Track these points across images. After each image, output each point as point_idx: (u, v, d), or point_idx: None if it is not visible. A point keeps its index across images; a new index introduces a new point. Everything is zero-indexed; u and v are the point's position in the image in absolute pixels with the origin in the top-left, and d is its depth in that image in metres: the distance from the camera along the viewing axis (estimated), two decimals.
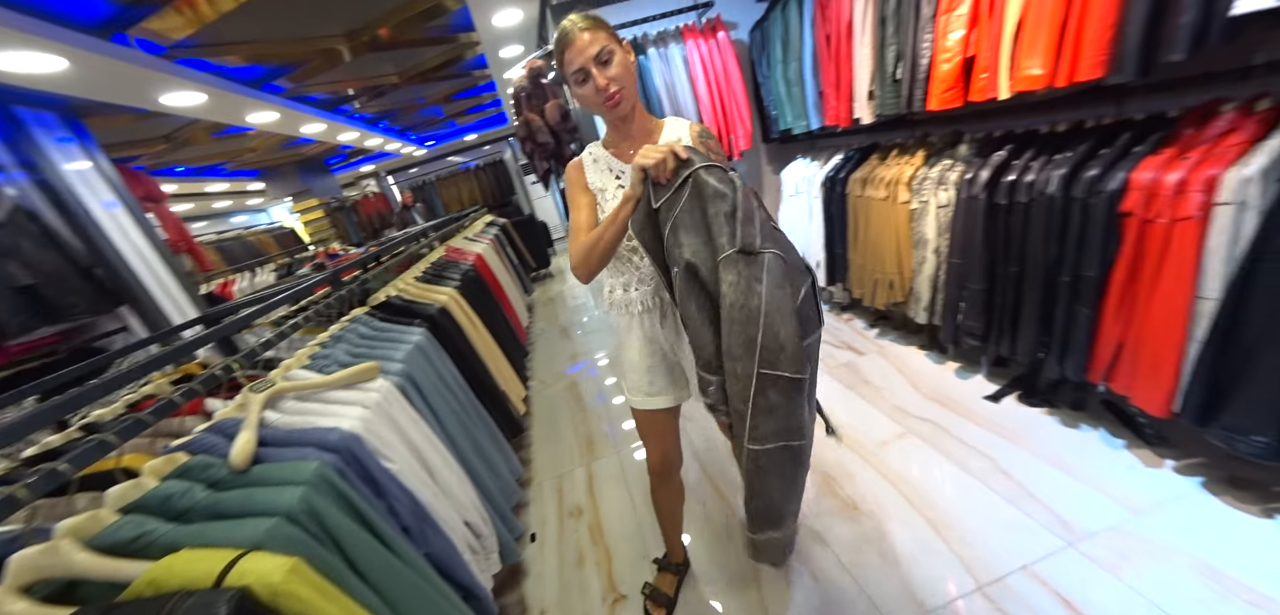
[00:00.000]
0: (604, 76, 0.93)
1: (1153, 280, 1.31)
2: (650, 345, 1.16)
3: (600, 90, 0.93)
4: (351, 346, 1.41)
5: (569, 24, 0.94)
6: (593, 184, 1.06)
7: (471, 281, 2.70)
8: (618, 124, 1.04)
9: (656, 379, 1.18)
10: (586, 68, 0.92)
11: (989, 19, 1.47)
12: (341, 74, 3.69)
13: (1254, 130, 1.16)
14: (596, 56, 0.92)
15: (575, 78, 0.95)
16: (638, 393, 1.20)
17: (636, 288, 1.13)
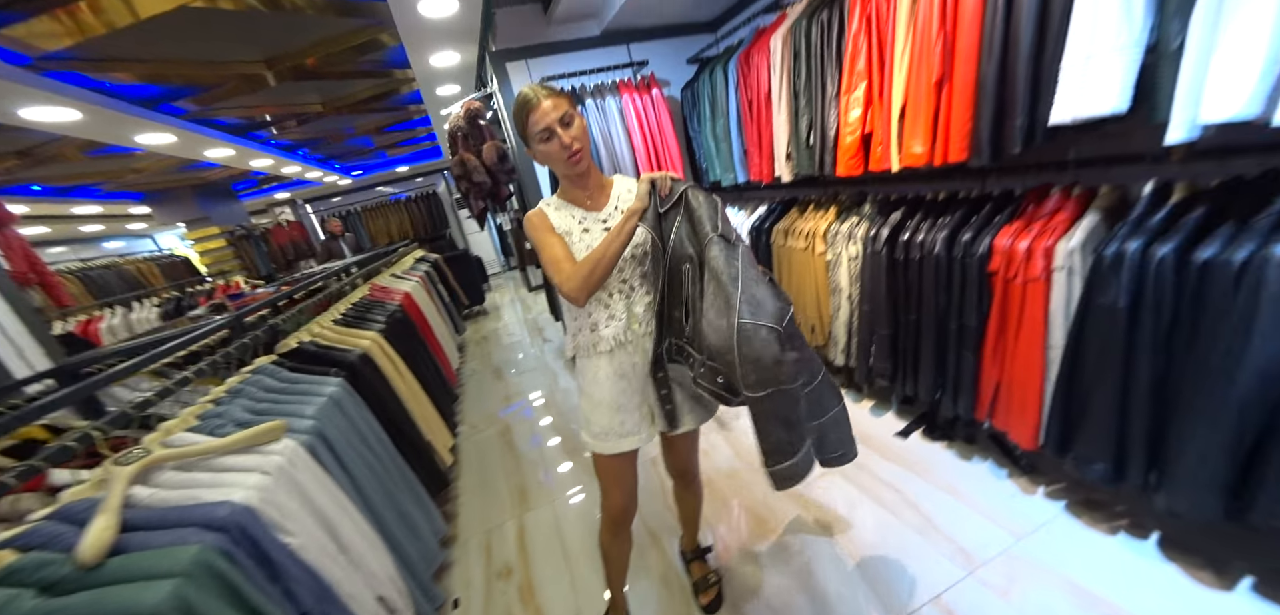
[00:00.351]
0: (568, 135, 1.05)
1: (1016, 330, 1.54)
2: (621, 382, 1.18)
3: (565, 147, 1.05)
4: (253, 402, 1.27)
5: (532, 91, 1.05)
6: (558, 227, 1.14)
7: (398, 323, 2.55)
8: (576, 179, 1.14)
9: (628, 418, 1.20)
10: (552, 128, 1.04)
11: (880, 103, 1.71)
12: (259, 99, 3.42)
13: (1073, 210, 1.44)
14: (561, 119, 1.04)
15: (540, 136, 1.05)
16: (609, 436, 1.20)
17: (608, 324, 1.16)
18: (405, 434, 1.87)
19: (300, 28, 2.67)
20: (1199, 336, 1.13)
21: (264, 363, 1.51)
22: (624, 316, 1.16)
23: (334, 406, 1.39)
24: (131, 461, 0.87)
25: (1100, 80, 1.14)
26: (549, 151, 1.07)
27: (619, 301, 1.16)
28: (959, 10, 1.40)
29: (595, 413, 1.20)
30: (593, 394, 1.20)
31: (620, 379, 1.18)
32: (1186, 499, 1.19)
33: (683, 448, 1.36)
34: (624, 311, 1.16)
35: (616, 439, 1.20)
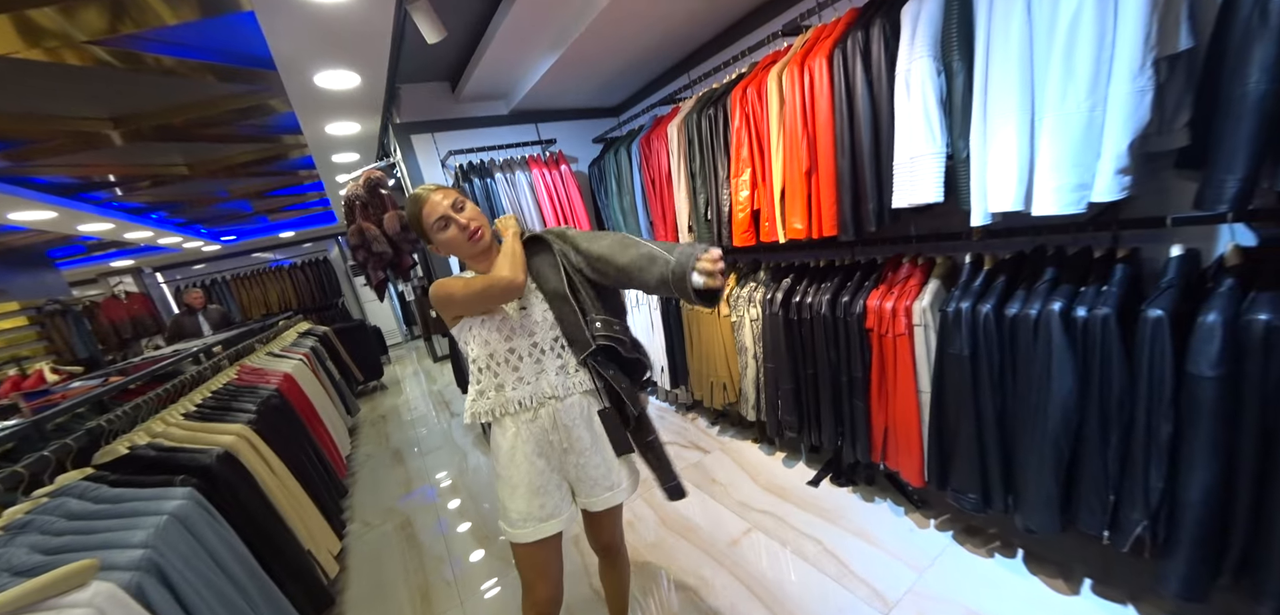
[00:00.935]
0: (464, 217, 1.09)
1: (894, 378, 1.75)
2: (540, 461, 1.14)
3: (463, 228, 1.09)
4: (49, 536, 0.99)
5: (422, 190, 1.10)
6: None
7: (273, 411, 2.21)
8: (478, 257, 1.15)
9: (549, 499, 1.15)
10: (447, 216, 1.08)
11: (764, 185, 1.94)
12: (100, 158, 2.92)
13: (920, 276, 1.72)
14: (452, 205, 1.08)
15: (437, 227, 1.08)
16: (529, 521, 1.13)
17: (515, 387, 1.13)
18: (278, 548, 1.58)
19: (167, 89, 2.37)
20: (1019, 378, 1.38)
21: (72, 480, 1.20)
22: (534, 378, 1.14)
23: (177, 526, 1.14)
24: None
25: (921, 176, 1.41)
26: (450, 238, 1.09)
27: (530, 367, 1.14)
28: (815, 115, 1.67)
29: (513, 498, 1.14)
30: (509, 477, 1.14)
31: (539, 458, 1.14)
32: (1033, 518, 1.40)
33: (607, 521, 1.30)
34: (533, 377, 1.14)
35: (537, 525, 1.13)
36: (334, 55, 1.90)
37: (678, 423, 3.16)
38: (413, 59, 2.37)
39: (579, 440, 1.16)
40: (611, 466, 1.20)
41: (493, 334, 1.13)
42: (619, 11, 1.95)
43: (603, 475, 1.19)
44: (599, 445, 1.18)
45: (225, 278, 7.85)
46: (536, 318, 1.14)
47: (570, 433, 1.16)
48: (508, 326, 1.13)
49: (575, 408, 1.16)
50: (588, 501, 1.21)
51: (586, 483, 1.19)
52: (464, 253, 1.12)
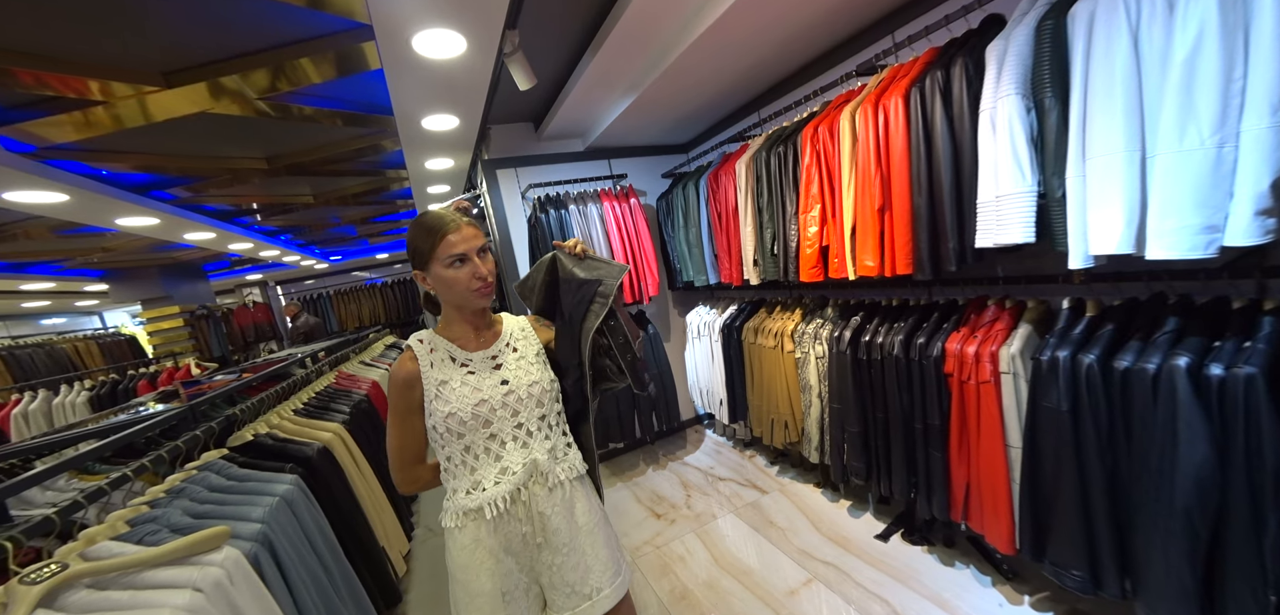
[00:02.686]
0: (484, 266, 0.99)
1: (977, 430, 1.61)
2: (508, 560, 0.99)
3: (478, 276, 0.98)
4: (195, 503, 1.18)
5: (449, 213, 0.99)
6: (432, 379, 0.99)
7: (362, 414, 2.45)
8: (475, 314, 1.04)
9: (515, 608, 0.98)
10: (468, 254, 0.97)
11: (834, 221, 1.90)
12: (250, 190, 3.51)
13: (1009, 320, 1.59)
14: (479, 249, 0.99)
15: (451, 260, 0.96)
16: None
17: (498, 479, 0.98)
18: (359, 539, 1.73)
19: (308, 134, 2.83)
20: (1134, 438, 1.21)
21: (213, 458, 1.42)
22: (519, 472, 0.99)
23: (285, 508, 1.30)
24: (40, 579, 0.78)
25: (1010, 215, 1.32)
26: (456, 278, 0.97)
27: (514, 450, 1.00)
28: (890, 153, 1.63)
29: (473, 606, 0.96)
30: (469, 585, 0.96)
31: (507, 556, 0.98)
32: (1161, 609, 1.19)
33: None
34: (521, 462, 0.99)
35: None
36: (441, 102, 2.17)
37: (735, 459, 3.07)
38: (503, 103, 2.63)
39: (556, 534, 1.00)
40: (590, 569, 1.02)
41: (467, 413, 0.97)
42: (692, 59, 2.05)
43: (579, 580, 1.01)
44: (578, 542, 1.02)
45: (328, 293, 8.87)
46: (521, 393, 1.01)
47: (547, 524, 1.00)
48: (486, 407, 0.99)
49: (559, 497, 1.01)
50: (564, 610, 1.01)
51: (562, 588, 1.01)
52: (461, 299, 1.00)
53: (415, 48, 1.64)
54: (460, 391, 0.98)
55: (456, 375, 1.00)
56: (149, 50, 1.87)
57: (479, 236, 1.00)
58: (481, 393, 1.00)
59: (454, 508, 0.99)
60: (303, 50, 1.96)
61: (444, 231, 0.96)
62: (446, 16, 1.51)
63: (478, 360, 1.03)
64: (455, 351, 1.03)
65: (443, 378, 0.99)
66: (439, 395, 0.98)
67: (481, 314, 1.06)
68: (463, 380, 1.00)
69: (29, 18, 1.59)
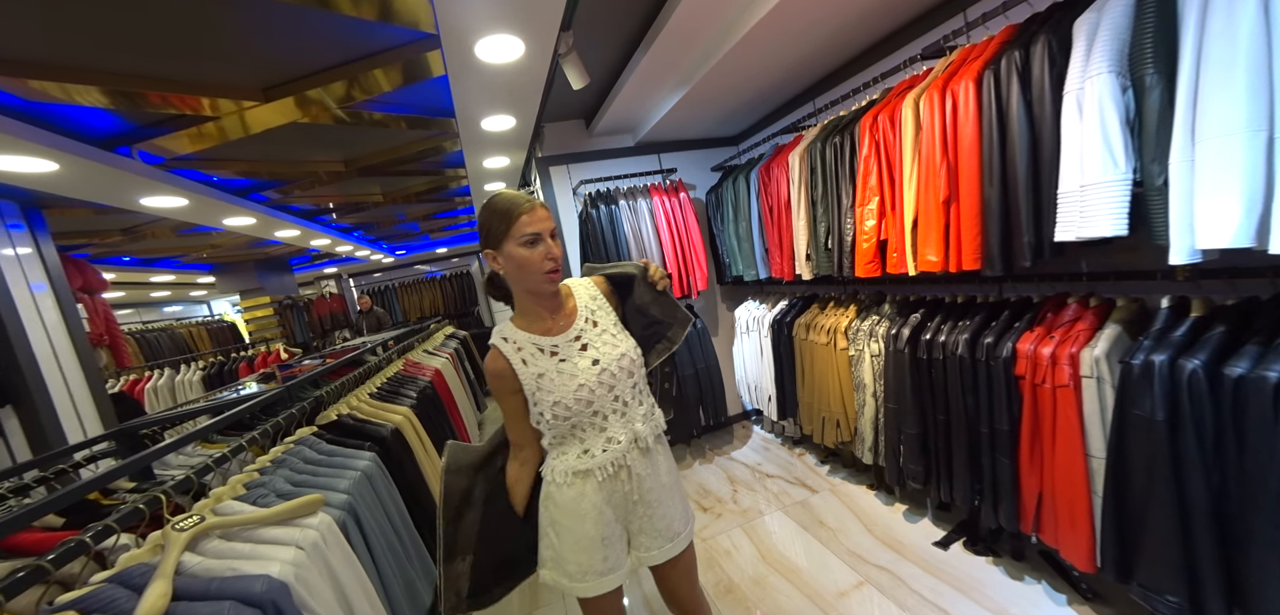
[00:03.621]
0: (556, 247, 1.03)
1: (1052, 436, 1.49)
2: (608, 510, 1.08)
3: (551, 258, 1.01)
4: (294, 472, 1.34)
5: (525, 196, 1.03)
6: (529, 375, 1.04)
7: (427, 399, 2.63)
8: (547, 296, 1.07)
9: (612, 551, 1.09)
10: (542, 234, 1.00)
11: (893, 214, 1.82)
12: (330, 190, 3.85)
13: (1093, 319, 1.45)
14: (551, 231, 1.02)
15: (525, 239, 0.99)
16: (589, 575, 1.07)
17: (605, 448, 1.06)
18: (425, 512, 1.88)
19: (378, 138, 3.08)
20: (1248, 454, 1.08)
21: (305, 434, 1.59)
22: (624, 437, 1.07)
23: (366, 481, 1.44)
24: (186, 528, 0.93)
25: (1097, 206, 1.21)
26: (530, 258, 1.00)
27: (617, 422, 1.08)
28: (958, 141, 1.53)
29: (573, 551, 1.06)
30: (573, 529, 1.06)
31: (607, 508, 1.08)
32: None
33: (683, 577, 1.19)
34: (624, 432, 1.07)
35: (597, 579, 1.07)
36: (499, 104, 2.28)
37: (783, 456, 3.02)
38: (556, 101, 2.71)
39: (649, 491, 1.11)
40: (672, 517, 1.14)
41: (571, 401, 1.03)
42: (745, 52, 2.02)
43: (664, 526, 1.13)
44: (662, 496, 1.13)
45: (393, 285, 9.51)
46: (613, 370, 1.06)
47: (642, 483, 1.10)
48: (586, 390, 1.04)
49: (650, 458, 1.11)
50: (648, 554, 1.13)
51: (650, 533, 1.12)
52: (532, 283, 1.03)
53: (477, 53, 1.73)
54: (559, 382, 1.03)
55: (551, 366, 1.04)
56: (249, 70, 2.10)
57: (551, 219, 1.03)
58: (578, 378, 1.04)
59: (564, 468, 1.06)
60: (375, 62, 2.13)
61: (519, 212, 0.99)
62: (506, 22, 1.58)
63: (563, 345, 1.07)
64: (542, 342, 1.06)
65: (539, 371, 1.04)
66: (540, 388, 1.03)
67: (553, 296, 1.09)
68: (557, 370, 1.04)
69: (156, 48, 1.84)
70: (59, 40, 1.69)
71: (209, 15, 1.70)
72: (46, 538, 1.03)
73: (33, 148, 1.97)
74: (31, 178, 2.22)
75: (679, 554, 1.15)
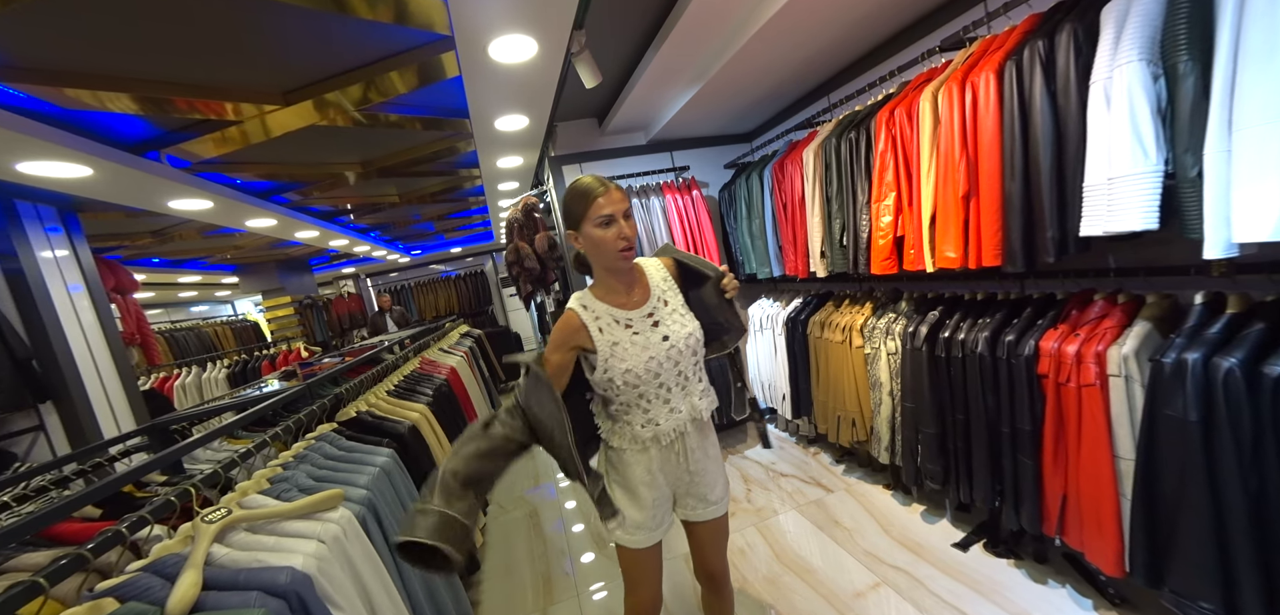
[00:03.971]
0: (629, 227, 1.10)
1: (1077, 437, 1.45)
2: (662, 475, 1.19)
3: (624, 237, 1.09)
4: (315, 468, 1.37)
5: (597, 180, 1.10)
6: (605, 341, 1.11)
7: (443, 397, 2.67)
8: (621, 272, 1.15)
9: (660, 511, 1.22)
10: (615, 215, 1.08)
11: (910, 210, 1.79)
12: (346, 192, 3.93)
13: (1120, 316, 1.41)
14: (624, 212, 1.10)
15: (600, 221, 1.07)
16: (639, 530, 1.19)
17: (667, 418, 1.15)
18: None
19: (394, 139, 3.13)
20: None
21: (326, 431, 1.62)
22: (685, 409, 1.17)
23: (384, 477, 1.46)
24: (214, 520, 0.95)
25: (1125, 199, 1.17)
26: (604, 237, 1.08)
27: (678, 395, 1.16)
28: (978, 135, 1.50)
29: (629, 508, 1.18)
30: (631, 490, 1.18)
31: (661, 473, 1.19)
32: None
33: (713, 544, 1.30)
34: (685, 405, 1.17)
35: (646, 533, 1.20)
36: (512, 103, 2.30)
37: (797, 455, 3.00)
38: (569, 100, 2.72)
39: (698, 461, 1.22)
40: (714, 484, 1.26)
41: (641, 370, 1.11)
42: (759, 46, 2.01)
43: (707, 491, 1.25)
44: (708, 466, 1.24)
45: (409, 284, 9.66)
46: (680, 346, 1.15)
47: (692, 455, 1.21)
48: (655, 362, 1.12)
49: (702, 431, 1.23)
50: (691, 513, 1.26)
51: (693, 494, 1.25)
52: (608, 261, 1.11)
53: (491, 54, 1.75)
54: (631, 351, 1.12)
55: (624, 336, 1.13)
56: (270, 75, 2.15)
57: (625, 201, 1.11)
58: (649, 350, 1.13)
59: (628, 435, 1.17)
60: (391, 64, 2.16)
61: (595, 195, 1.08)
62: (520, 22, 1.59)
63: (637, 319, 1.15)
64: (618, 313, 1.15)
65: (614, 340, 1.12)
66: (614, 354, 1.11)
67: (628, 272, 1.17)
68: (630, 341, 1.13)
69: (182, 54, 1.90)
70: (93, 49, 1.75)
71: (233, 21, 1.74)
72: (85, 528, 1.07)
73: (69, 153, 2.05)
74: (68, 182, 2.30)
75: (714, 518, 1.27)
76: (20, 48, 1.67)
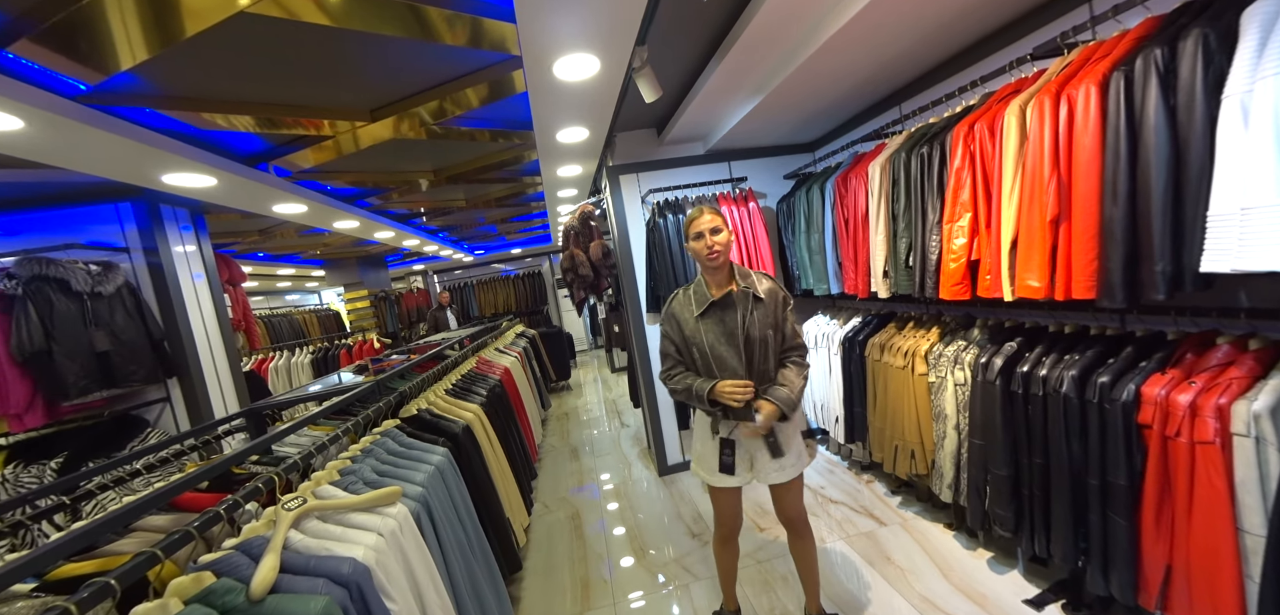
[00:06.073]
0: (713, 242, 1.49)
1: (1187, 501, 1.26)
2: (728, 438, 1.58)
3: (708, 247, 1.50)
4: (379, 462, 1.48)
5: (701, 207, 1.53)
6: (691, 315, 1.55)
7: (496, 398, 2.79)
8: (712, 272, 1.54)
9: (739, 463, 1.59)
10: (703, 232, 1.50)
11: (987, 233, 1.63)
12: (421, 197, 4.24)
13: (1252, 366, 1.20)
14: (712, 229, 1.49)
15: (694, 236, 1.52)
16: (713, 474, 1.61)
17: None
18: (490, 509, 1.99)
19: (465, 149, 3.34)
20: None
21: (390, 426, 1.75)
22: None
23: (438, 476, 1.55)
24: (292, 508, 1.06)
25: (1262, 234, 1.00)
26: (696, 248, 1.52)
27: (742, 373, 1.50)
28: (1073, 153, 1.34)
29: (705, 452, 1.62)
30: (706, 440, 1.60)
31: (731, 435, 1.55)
32: None
33: (788, 497, 1.64)
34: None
35: (719, 477, 1.59)
36: (575, 117, 2.36)
37: (849, 482, 2.84)
38: (628, 111, 2.76)
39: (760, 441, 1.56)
40: (787, 451, 1.56)
41: (708, 350, 1.52)
42: (826, 57, 1.92)
43: (775, 461, 1.56)
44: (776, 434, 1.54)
45: (472, 282, 10.22)
46: (740, 338, 1.51)
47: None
48: (722, 346, 1.51)
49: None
50: (763, 475, 1.58)
51: (762, 461, 1.57)
52: (702, 262, 1.54)
53: (555, 72, 1.81)
54: (705, 328, 1.53)
55: (707, 317, 1.53)
56: (361, 94, 2.36)
57: (715, 220, 1.50)
58: (722, 328, 1.52)
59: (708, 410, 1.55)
60: (465, 82, 2.30)
61: (692, 219, 1.54)
62: (585, 41, 1.63)
63: (714, 307, 1.53)
64: (706, 297, 1.54)
65: (696, 313, 1.54)
66: (696, 329, 1.54)
67: (716, 272, 1.54)
68: (706, 324, 1.53)
69: (288, 80, 2.14)
70: (224, 78, 2.03)
71: (332, 49, 1.93)
72: (197, 498, 1.23)
73: (201, 166, 2.38)
74: (199, 190, 2.67)
75: (785, 481, 1.60)
76: (169, 79, 1.96)
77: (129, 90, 1.95)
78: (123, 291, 2.67)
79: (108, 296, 2.59)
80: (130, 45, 1.61)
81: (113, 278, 2.64)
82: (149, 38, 1.58)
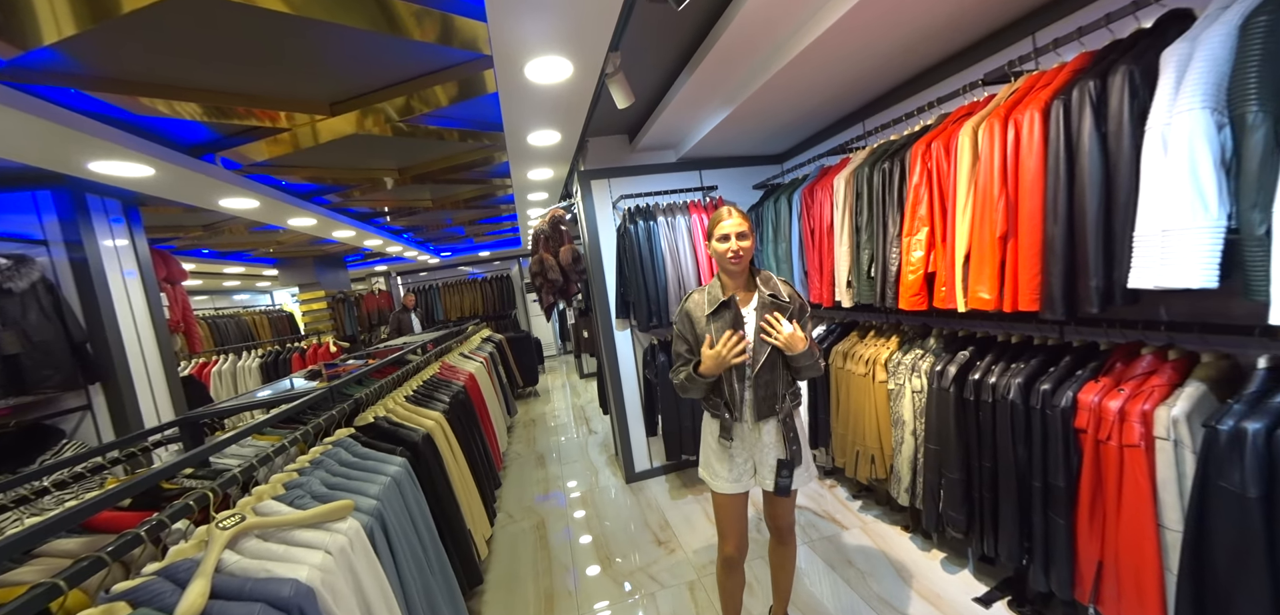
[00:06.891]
0: (736, 246, 1.47)
1: (1117, 501, 1.35)
2: (736, 443, 1.55)
3: (730, 251, 1.48)
4: (330, 474, 1.40)
5: (726, 209, 1.52)
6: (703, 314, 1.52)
7: (459, 404, 2.70)
8: (732, 275, 1.53)
9: (736, 468, 1.56)
10: (729, 234, 1.48)
11: (943, 247, 1.71)
12: (384, 196, 4.07)
13: (1171, 375, 1.31)
14: (738, 233, 1.48)
15: (718, 237, 1.50)
16: (718, 478, 1.58)
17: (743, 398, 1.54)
18: (450, 521, 1.92)
19: (432, 148, 3.23)
20: None
21: (343, 436, 1.66)
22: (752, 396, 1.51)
23: (395, 488, 1.48)
24: (228, 526, 0.98)
25: (1181, 254, 1.09)
26: (719, 250, 1.50)
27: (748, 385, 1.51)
28: (1020, 174, 1.43)
29: (710, 458, 1.60)
30: (712, 445, 1.58)
31: (736, 441, 1.54)
32: None
33: (778, 505, 1.63)
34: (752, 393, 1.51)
35: (724, 482, 1.56)
36: (546, 120, 2.33)
37: (812, 488, 2.90)
38: (601, 116, 2.74)
39: (768, 443, 1.55)
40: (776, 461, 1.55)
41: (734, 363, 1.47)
42: (795, 71, 1.97)
43: (773, 470, 1.54)
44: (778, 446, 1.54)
45: (437, 284, 9.91)
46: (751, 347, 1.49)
47: (763, 435, 1.53)
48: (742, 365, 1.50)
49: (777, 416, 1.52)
50: (764, 482, 1.56)
51: (764, 468, 1.56)
52: (722, 265, 1.52)
53: (527, 75, 1.77)
54: (716, 326, 1.49)
55: (715, 315, 1.51)
56: (321, 85, 2.25)
57: (739, 224, 1.49)
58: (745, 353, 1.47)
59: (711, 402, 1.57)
60: (434, 79, 2.23)
61: (716, 220, 1.52)
62: (557, 44, 1.61)
63: (725, 308, 1.51)
64: (717, 297, 1.52)
65: (709, 312, 1.51)
66: (707, 328, 1.51)
67: (737, 276, 1.53)
68: (716, 322, 1.50)
69: (241, 68, 2.01)
70: (167, 61, 1.88)
71: (291, 37, 1.82)
72: (118, 517, 1.12)
73: (135, 155, 2.19)
74: (133, 181, 2.46)
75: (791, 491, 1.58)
76: (102, 59, 1.80)
77: (51, 67, 1.78)
78: (38, 288, 2.43)
79: (19, 294, 2.35)
80: (56, 18, 1.47)
81: (26, 272, 2.39)
82: (77, 11, 1.45)
